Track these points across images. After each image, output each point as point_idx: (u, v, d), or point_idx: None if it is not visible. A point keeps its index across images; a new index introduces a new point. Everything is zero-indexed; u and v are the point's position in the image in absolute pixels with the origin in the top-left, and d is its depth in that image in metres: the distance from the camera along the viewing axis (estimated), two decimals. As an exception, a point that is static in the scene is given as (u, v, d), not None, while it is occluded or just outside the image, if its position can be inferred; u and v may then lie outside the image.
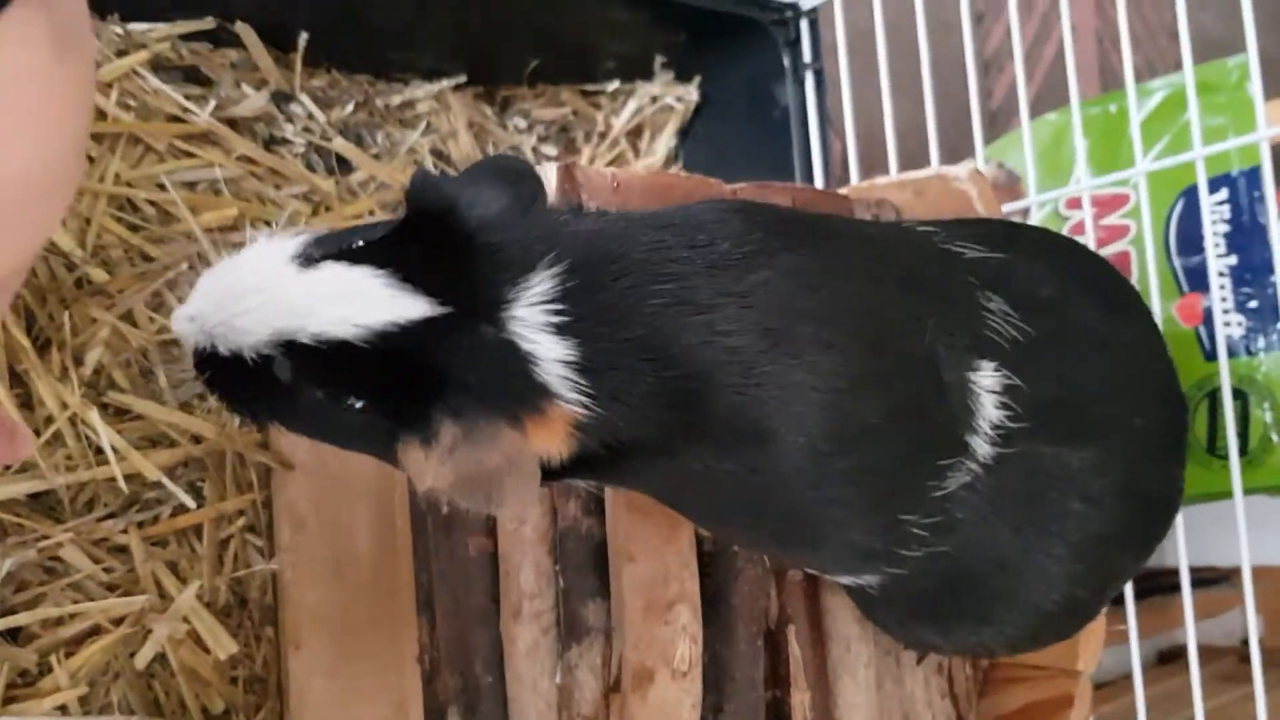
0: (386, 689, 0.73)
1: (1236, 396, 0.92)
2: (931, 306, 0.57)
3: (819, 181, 1.01)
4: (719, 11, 0.99)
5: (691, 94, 1.08)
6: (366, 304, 0.46)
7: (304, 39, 0.90)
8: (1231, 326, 0.94)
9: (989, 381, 0.58)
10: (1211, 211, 0.94)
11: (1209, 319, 0.94)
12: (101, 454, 0.73)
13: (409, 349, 0.46)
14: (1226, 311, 0.94)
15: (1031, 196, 0.96)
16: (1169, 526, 0.69)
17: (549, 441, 0.48)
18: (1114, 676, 1.18)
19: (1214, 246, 0.94)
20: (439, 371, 0.46)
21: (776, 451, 0.52)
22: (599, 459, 0.50)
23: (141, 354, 0.79)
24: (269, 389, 0.49)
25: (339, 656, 0.77)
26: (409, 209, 0.50)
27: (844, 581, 0.64)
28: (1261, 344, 0.93)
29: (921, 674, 0.77)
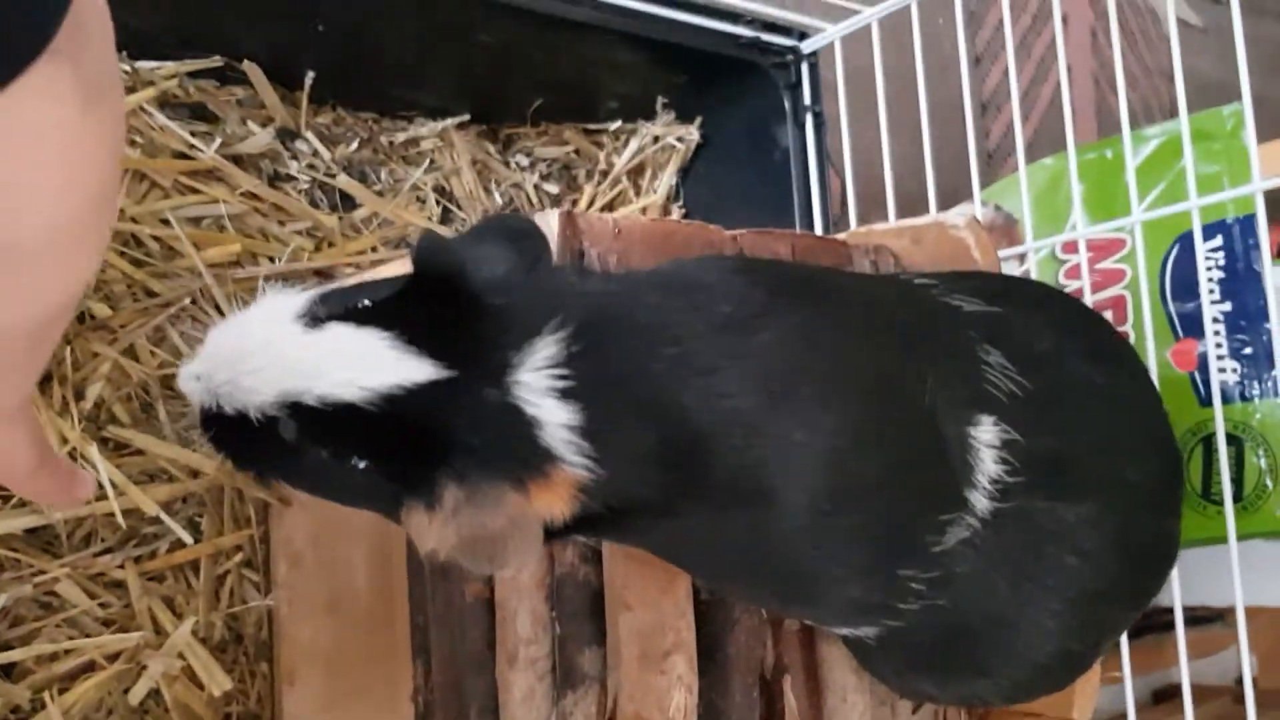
0: (381, 728, 0.72)
1: (1231, 442, 0.92)
2: (932, 362, 0.58)
3: (818, 222, 1.02)
4: (720, 54, 1.00)
5: (693, 134, 1.09)
6: (372, 366, 0.46)
7: (310, 77, 0.91)
8: (1226, 373, 0.94)
9: (988, 436, 0.58)
10: (1206, 258, 0.95)
11: (1204, 364, 0.95)
12: (100, 489, 0.74)
13: (414, 412, 0.47)
14: (1221, 358, 0.94)
15: (1029, 243, 0.97)
16: (1164, 580, 0.69)
17: (552, 504, 0.48)
18: (1108, 715, 1.18)
19: (1208, 293, 0.95)
20: (443, 435, 0.47)
21: (777, 511, 0.52)
22: (601, 518, 0.50)
23: (142, 388, 0.80)
24: (274, 448, 0.49)
25: (333, 693, 0.77)
26: (416, 270, 0.51)
27: (842, 633, 0.64)
28: (1256, 390, 0.93)
29: (916, 721, 0.77)
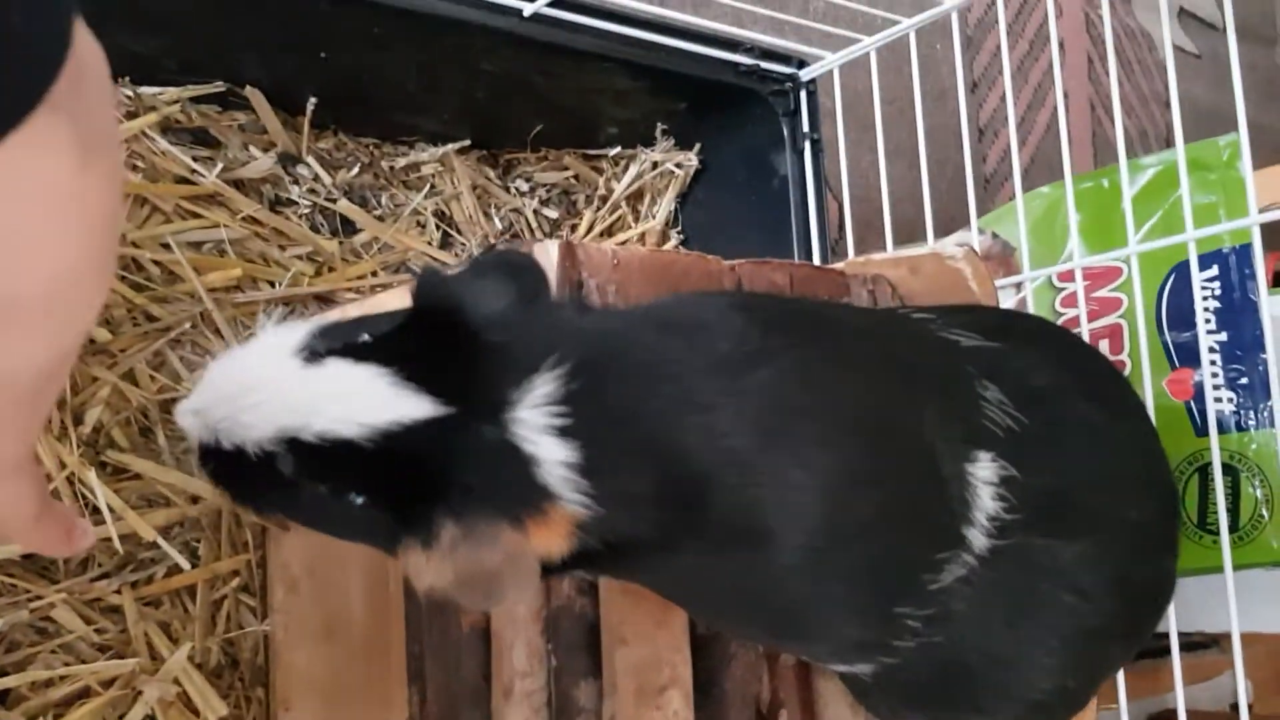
0: (376, 755, 0.72)
1: (1227, 473, 0.93)
2: (930, 398, 0.58)
3: (816, 248, 1.03)
4: (720, 82, 1.01)
5: (691, 160, 1.09)
6: (370, 403, 0.47)
7: (312, 103, 0.92)
8: (1222, 403, 0.94)
9: (986, 473, 0.58)
10: (1202, 288, 0.96)
11: (1199, 394, 0.95)
12: (98, 513, 0.74)
13: (411, 449, 0.47)
14: (1217, 387, 0.95)
15: (1025, 272, 0.97)
16: (1160, 617, 0.70)
17: (550, 541, 0.48)
18: (1104, 742, 1.18)
19: (1204, 322, 0.95)
20: (441, 472, 0.47)
21: (774, 550, 0.52)
22: (599, 554, 0.50)
23: (141, 413, 0.80)
24: (272, 483, 0.49)
25: (328, 719, 0.77)
26: (415, 305, 0.51)
27: (838, 669, 0.64)
28: (1252, 420, 0.94)
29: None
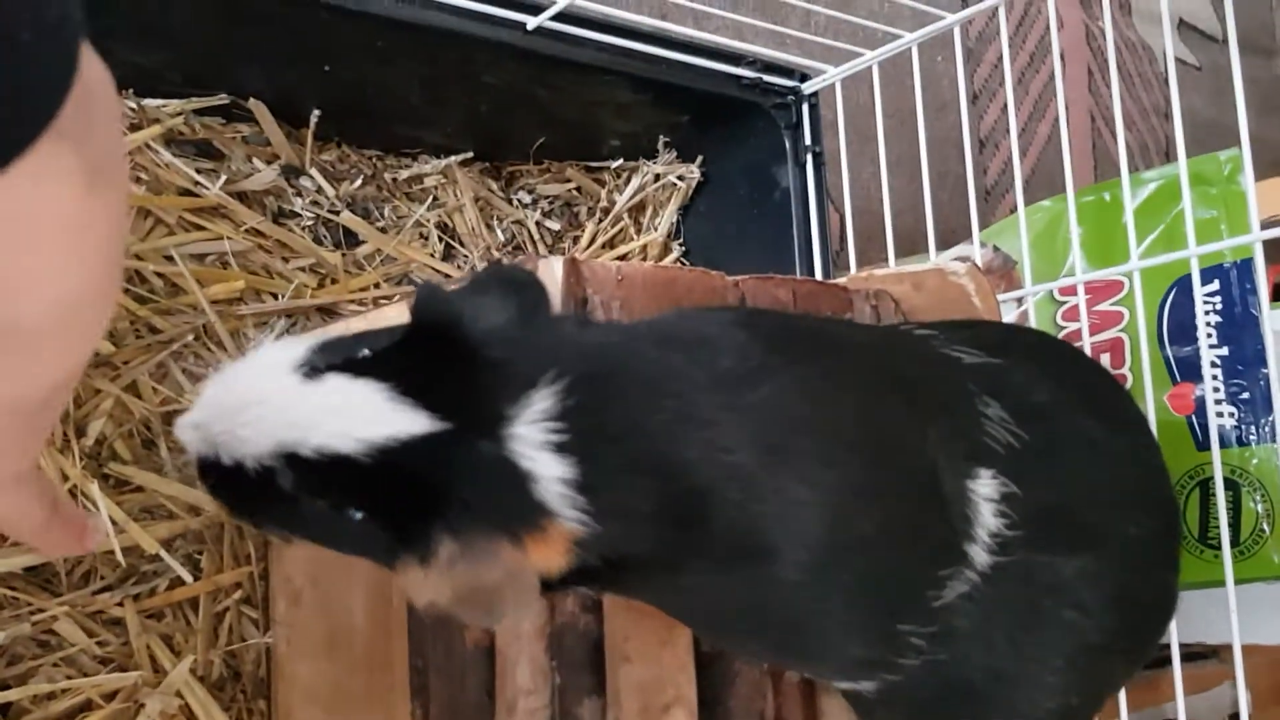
0: (378, 769, 0.72)
1: (1228, 487, 0.93)
2: (932, 415, 0.58)
3: (818, 261, 1.03)
4: (722, 95, 1.01)
5: (694, 173, 1.10)
6: (367, 418, 0.46)
7: (315, 115, 0.92)
8: (1223, 418, 0.95)
9: (987, 490, 0.58)
10: (1204, 302, 0.96)
11: (1201, 409, 0.95)
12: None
13: (409, 464, 0.47)
14: (1219, 402, 0.95)
15: (1027, 287, 0.98)
16: (1162, 633, 0.70)
17: (548, 558, 0.48)
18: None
19: (1206, 337, 0.96)
20: (438, 488, 0.47)
21: (777, 567, 0.52)
22: (599, 571, 0.50)
23: (144, 425, 0.80)
24: (272, 498, 0.49)
25: (330, 733, 0.76)
26: (414, 320, 0.51)
27: (842, 686, 0.64)
28: (1253, 435, 0.94)
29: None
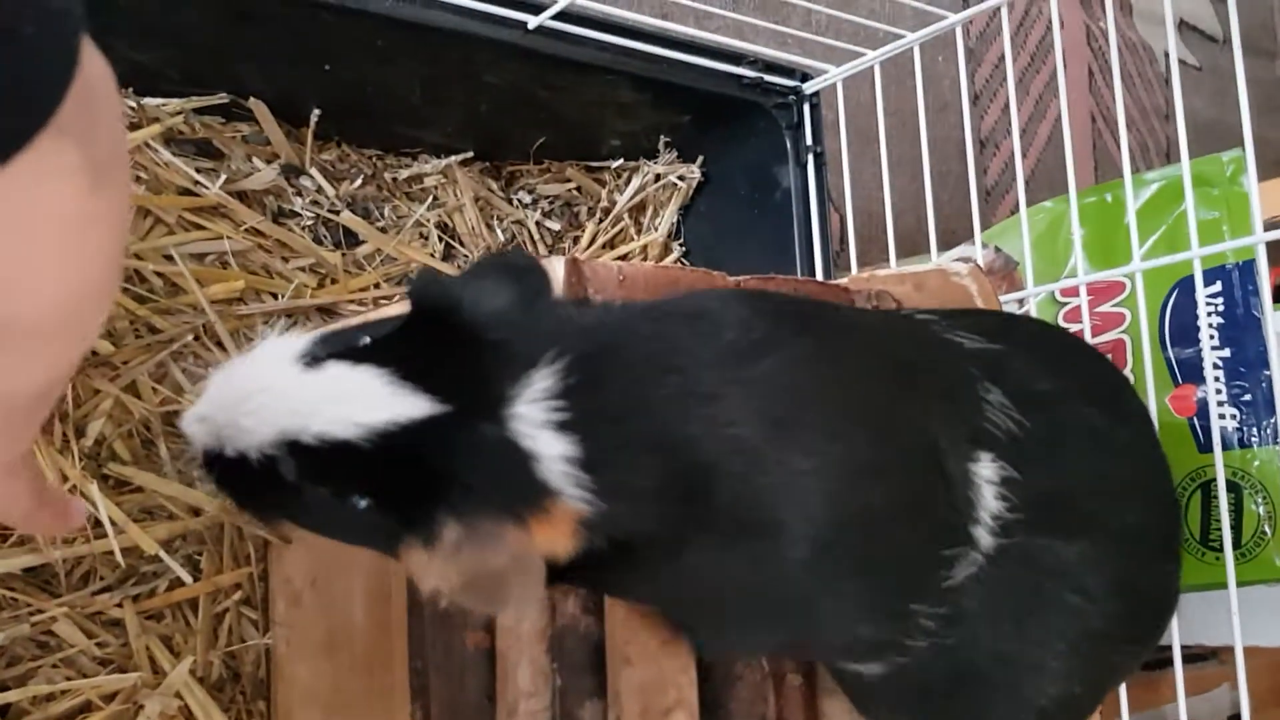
0: (378, 770, 0.72)
1: (1229, 490, 0.92)
2: (934, 397, 0.58)
3: (819, 262, 1.03)
4: (723, 95, 1.01)
5: (694, 173, 1.09)
6: (368, 403, 0.46)
7: (315, 115, 0.92)
8: (1225, 419, 0.94)
9: (988, 472, 0.58)
10: (1206, 303, 0.96)
11: (1203, 410, 0.95)
12: (100, 527, 0.73)
13: (410, 449, 0.46)
14: (1221, 404, 0.95)
15: (1029, 288, 0.97)
16: (1165, 626, 0.69)
17: (554, 539, 0.47)
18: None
19: (1208, 339, 0.95)
20: (441, 471, 0.46)
21: (783, 543, 0.51)
22: (604, 557, 0.49)
23: (144, 425, 0.79)
24: (276, 488, 0.49)
25: (330, 734, 0.76)
26: (412, 306, 0.51)
27: (848, 668, 0.63)
28: (1255, 437, 0.94)
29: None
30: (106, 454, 0.77)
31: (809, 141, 1.04)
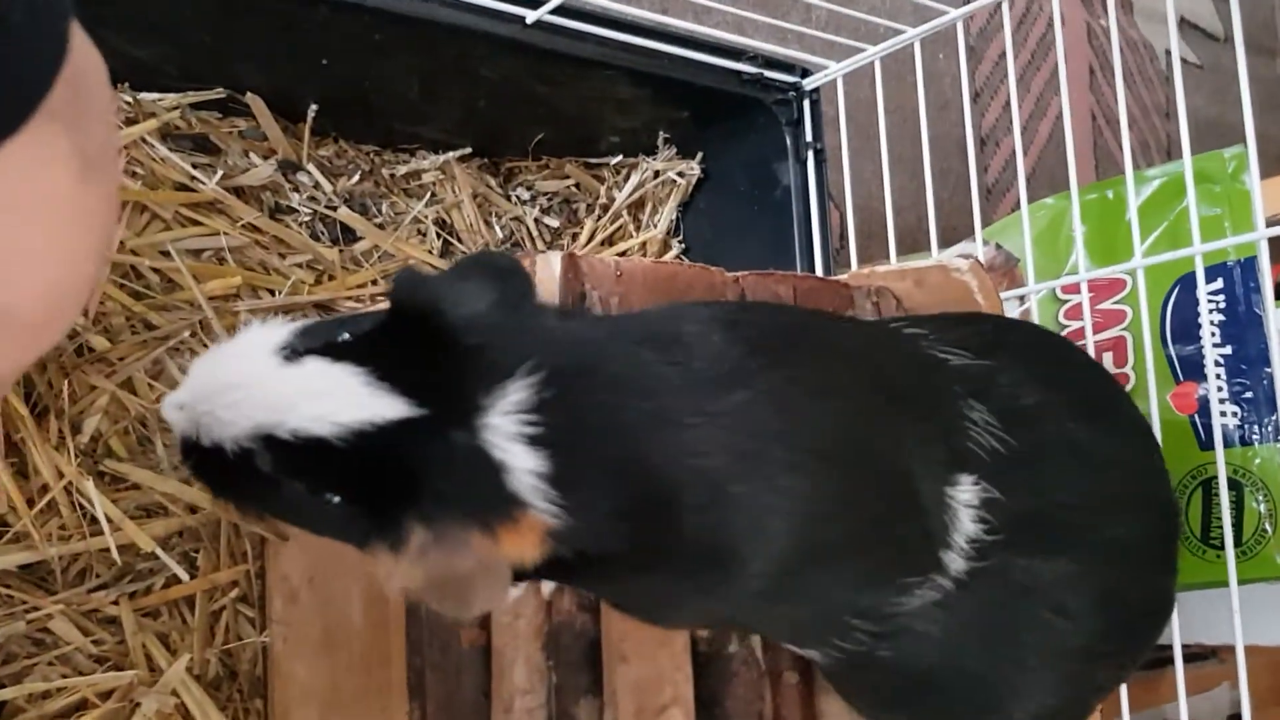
0: (375, 768, 0.72)
1: (1231, 487, 0.92)
2: (912, 422, 0.58)
3: (819, 258, 1.02)
4: (723, 90, 1.01)
5: (693, 169, 1.09)
6: (344, 402, 0.46)
7: (313, 110, 0.91)
8: (1226, 417, 0.94)
9: (967, 496, 0.58)
10: (1207, 301, 0.95)
11: (1204, 408, 0.95)
12: (96, 524, 0.73)
13: (383, 450, 0.46)
14: (1222, 402, 0.94)
15: (1030, 285, 0.97)
16: (1156, 638, 0.69)
17: (521, 549, 0.48)
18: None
19: (1209, 336, 0.95)
20: (412, 475, 0.47)
21: (738, 575, 0.52)
22: (572, 564, 0.49)
23: (140, 422, 0.79)
24: (252, 479, 0.49)
25: (327, 732, 0.76)
26: (393, 306, 0.50)
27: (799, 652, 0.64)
28: (1256, 435, 0.93)
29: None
30: (103, 450, 0.77)
31: (809, 138, 1.04)
